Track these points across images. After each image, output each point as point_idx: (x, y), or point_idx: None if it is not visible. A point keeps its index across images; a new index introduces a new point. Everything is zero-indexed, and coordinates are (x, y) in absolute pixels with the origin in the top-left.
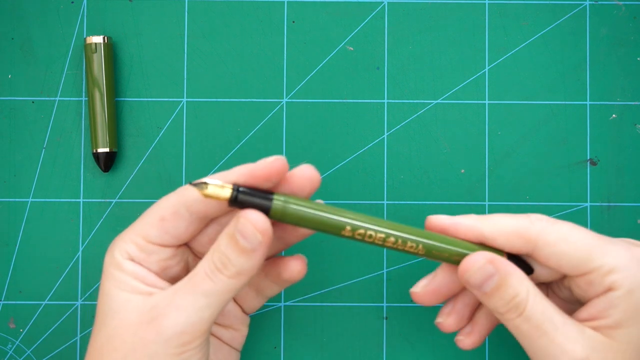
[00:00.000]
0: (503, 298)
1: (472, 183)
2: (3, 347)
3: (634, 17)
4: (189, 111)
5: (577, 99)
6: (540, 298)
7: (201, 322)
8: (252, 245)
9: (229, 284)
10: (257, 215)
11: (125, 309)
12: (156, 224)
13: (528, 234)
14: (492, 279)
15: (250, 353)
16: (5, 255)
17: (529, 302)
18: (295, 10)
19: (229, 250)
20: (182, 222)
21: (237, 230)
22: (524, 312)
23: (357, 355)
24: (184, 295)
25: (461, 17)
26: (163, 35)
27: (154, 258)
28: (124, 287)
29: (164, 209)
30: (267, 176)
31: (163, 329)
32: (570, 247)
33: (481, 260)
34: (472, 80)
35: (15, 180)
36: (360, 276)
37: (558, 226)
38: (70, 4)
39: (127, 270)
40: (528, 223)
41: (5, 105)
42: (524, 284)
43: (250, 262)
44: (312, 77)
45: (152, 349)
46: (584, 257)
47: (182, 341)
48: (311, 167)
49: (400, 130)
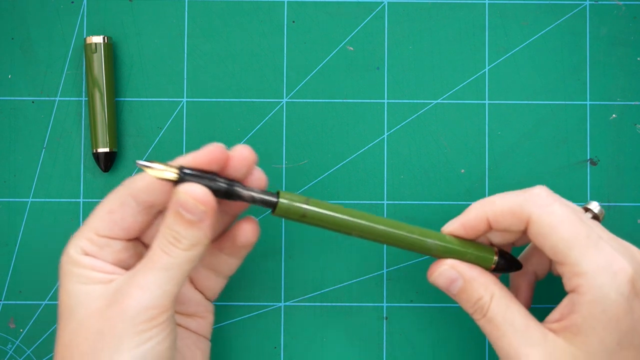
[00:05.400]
0: (468, 300)
1: (472, 183)
2: (3, 347)
3: (634, 17)
4: (189, 111)
5: (577, 99)
6: (505, 302)
7: (164, 297)
8: (197, 216)
9: (185, 255)
10: (196, 187)
11: (88, 300)
12: (105, 217)
13: (521, 215)
14: (456, 283)
15: (250, 353)
16: (5, 255)
17: (492, 305)
18: (295, 10)
19: (177, 225)
20: (129, 212)
21: (179, 204)
22: (487, 314)
23: (357, 355)
24: (144, 273)
25: (461, 17)
26: (163, 35)
27: (107, 251)
28: (84, 280)
29: (112, 201)
30: (208, 162)
31: (128, 308)
32: (554, 236)
33: (444, 266)
34: (472, 80)
35: (15, 180)
36: (360, 276)
37: (550, 210)
38: (70, 4)
39: (83, 264)
40: (522, 203)
41: (5, 105)
42: (488, 288)
43: (200, 233)
44: (312, 77)
45: (119, 329)
46: (563, 250)
47: (148, 317)
48: (246, 147)
49: (400, 130)
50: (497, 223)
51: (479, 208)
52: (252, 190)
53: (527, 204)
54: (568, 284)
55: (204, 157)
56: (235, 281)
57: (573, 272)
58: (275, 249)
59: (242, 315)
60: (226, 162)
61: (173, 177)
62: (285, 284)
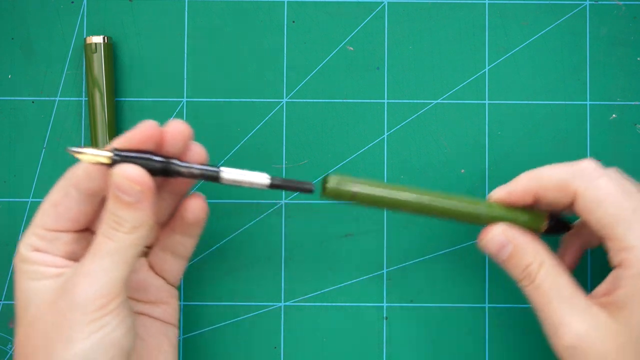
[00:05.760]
0: (517, 266)
1: (472, 183)
2: (3, 347)
3: (634, 17)
4: (189, 111)
5: (577, 99)
6: (555, 270)
7: (112, 283)
8: (134, 197)
9: (129, 239)
10: (129, 167)
11: (40, 295)
12: (50, 211)
13: (567, 190)
14: (506, 249)
15: (250, 353)
16: (5, 255)
17: (540, 273)
18: (295, 10)
19: (116, 208)
20: (73, 203)
21: (115, 187)
22: (535, 280)
23: (357, 355)
24: (90, 262)
25: (461, 17)
26: (163, 35)
27: (58, 244)
28: (35, 276)
29: (55, 193)
30: (142, 141)
31: (76, 297)
32: (599, 211)
33: (495, 231)
34: (472, 80)
35: (15, 180)
36: (360, 276)
37: (596, 185)
38: (70, 4)
39: (33, 261)
40: (569, 178)
41: (5, 105)
42: (538, 255)
43: (140, 214)
44: (312, 77)
45: (69, 320)
46: (609, 225)
47: (97, 305)
48: (179, 121)
49: (400, 130)
50: (544, 197)
51: (526, 181)
52: (191, 165)
53: (573, 179)
54: (614, 259)
55: (137, 136)
56: (236, 281)
57: (619, 247)
58: (276, 249)
59: (242, 315)
60: (161, 139)
61: (106, 160)
62: (285, 284)
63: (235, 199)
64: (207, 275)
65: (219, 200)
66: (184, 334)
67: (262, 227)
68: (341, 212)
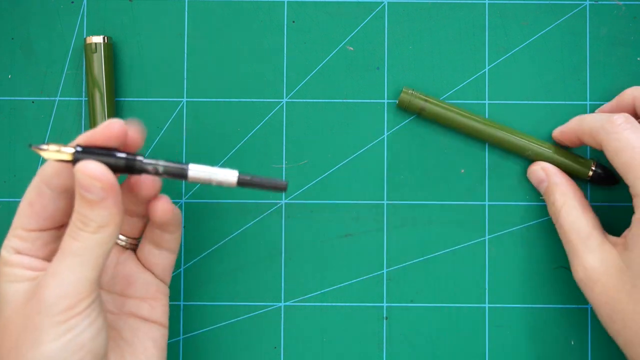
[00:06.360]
0: (549, 200)
1: (472, 183)
2: None
3: (634, 17)
4: (189, 111)
5: (577, 99)
6: (576, 211)
7: (80, 283)
8: (97, 195)
9: (95, 238)
10: (90, 163)
11: (13, 298)
12: (27, 211)
13: (597, 138)
14: (543, 184)
15: (250, 353)
16: None
17: (562, 212)
18: (295, 10)
19: (81, 207)
20: (47, 200)
21: (78, 185)
22: (559, 219)
23: (357, 355)
24: (57, 263)
25: (461, 17)
26: (163, 35)
27: (38, 244)
28: (12, 278)
29: (29, 193)
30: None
31: (43, 298)
32: (616, 160)
33: (536, 166)
34: (472, 80)
35: (15, 180)
36: (360, 276)
37: (616, 137)
38: (70, 4)
39: (11, 263)
40: (599, 127)
41: (5, 105)
42: (564, 195)
43: (105, 212)
44: (312, 77)
45: (37, 322)
46: (624, 173)
47: (64, 306)
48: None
49: (400, 130)
50: (584, 141)
51: (574, 124)
52: (156, 162)
53: (601, 129)
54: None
55: (101, 134)
56: (235, 281)
57: (632, 193)
58: (276, 249)
59: (242, 315)
60: (125, 137)
61: (67, 157)
62: (285, 284)
63: (235, 199)
64: (207, 275)
65: (219, 200)
66: (184, 334)
67: (262, 227)
68: (341, 212)
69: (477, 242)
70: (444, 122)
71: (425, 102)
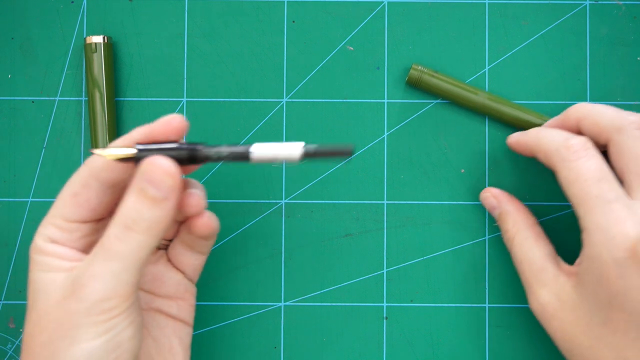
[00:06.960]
0: (502, 228)
1: (472, 183)
2: (3, 347)
3: (634, 17)
4: (189, 111)
5: (577, 99)
6: (528, 242)
7: (121, 286)
8: (163, 191)
9: (141, 241)
10: (163, 160)
11: (49, 289)
12: (70, 201)
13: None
14: (495, 211)
15: (250, 353)
16: (5, 255)
17: (514, 243)
18: (295, 10)
19: (138, 204)
20: (93, 193)
21: (145, 179)
22: (511, 249)
23: (357, 355)
24: (98, 263)
25: (461, 17)
26: (163, 35)
27: (76, 236)
28: (47, 268)
29: (74, 184)
30: (165, 135)
31: (84, 298)
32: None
33: (488, 193)
34: (472, 80)
35: (15, 180)
36: (360, 276)
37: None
38: (70, 4)
39: (47, 252)
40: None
41: (5, 105)
42: (516, 225)
43: (161, 213)
44: (312, 77)
45: (77, 320)
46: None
47: (105, 308)
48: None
49: (400, 130)
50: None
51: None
52: (219, 147)
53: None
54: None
55: (162, 129)
56: (235, 281)
57: (581, 226)
58: (276, 249)
59: (242, 315)
60: (185, 131)
61: (132, 154)
62: (285, 284)
63: (236, 198)
64: (207, 275)
65: (219, 200)
66: None
67: (262, 227)
68: (341, 212)
69: (477, 242)
70: (453, 98)
71: (433, 78)
